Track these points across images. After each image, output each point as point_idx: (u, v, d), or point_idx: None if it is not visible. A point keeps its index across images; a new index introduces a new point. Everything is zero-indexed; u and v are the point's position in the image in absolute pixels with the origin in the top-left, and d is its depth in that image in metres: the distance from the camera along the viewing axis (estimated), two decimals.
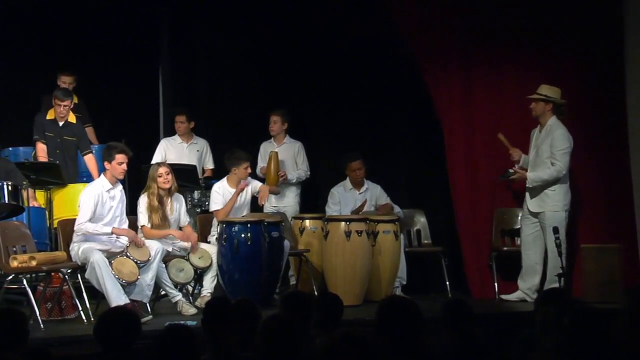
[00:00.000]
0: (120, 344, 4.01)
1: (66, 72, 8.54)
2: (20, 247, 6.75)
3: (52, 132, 8.08)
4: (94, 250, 6.72)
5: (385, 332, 3.93)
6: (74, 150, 8.13)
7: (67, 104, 8.00)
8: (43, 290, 6.90)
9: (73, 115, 8.23)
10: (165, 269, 7.06)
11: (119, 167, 6.91)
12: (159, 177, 7.18)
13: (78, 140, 8.14)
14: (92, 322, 6.52)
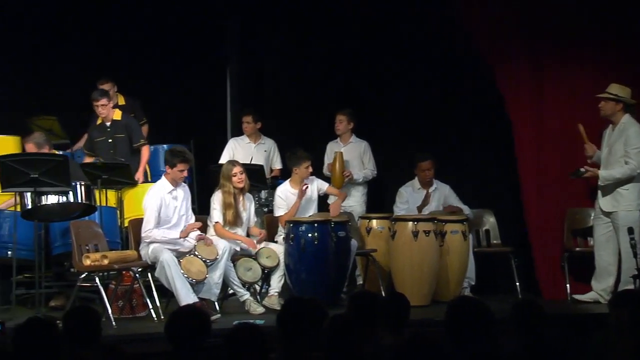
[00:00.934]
0: (190, 342, 4.03)
1: (101, 80, 8.64)
2: (92, 246, 6.89)
3: (102, 136, 8.20)
4: (164, 249, 6.81)
5: (455, 333, 3.89)
6: (126, 145, 8.19)
7: (103, 103, 8.09)
8: (115, 288, 7.02)
9: (118, 112, 8.31)
10: (233, 268, 7.11)
11: (180, 174, 6.99)
12: (234, 177, 7.25)
13: (128, 134, 8.19)
14: (162, 320, 6.62)
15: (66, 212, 7.02)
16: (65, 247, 7.20)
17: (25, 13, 9.16)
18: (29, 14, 9.17)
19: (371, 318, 4.33)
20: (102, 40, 9.33)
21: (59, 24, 9.25)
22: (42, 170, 6.57)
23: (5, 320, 5.73)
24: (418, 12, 8.63)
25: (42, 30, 9.22)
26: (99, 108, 8.10)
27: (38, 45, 9.19)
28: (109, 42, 9.32)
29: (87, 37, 9.32)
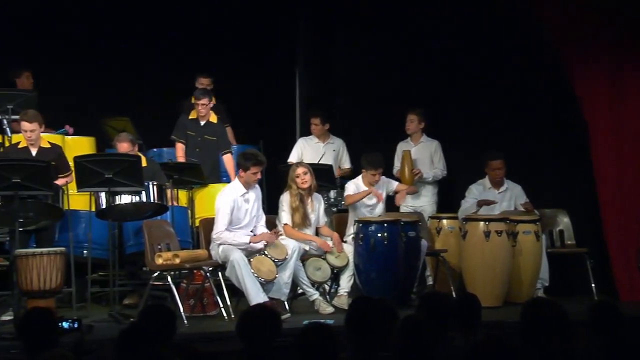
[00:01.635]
0: (261, 341, 4.04)
1: (204, 75, 8.79)
2: (164, 245, 6.97)
3: (193, 131, 8.30)
4: (234, 249, 6.86)
5: (529, 335, 3.82)
6: (214, 149, 8.32)
7: (204, 102, 8.20)
8: (186, 287, 7.10)
9: (215, 116, 8.44)
10: (302, 268, 7.12)
11: (253, 177, 7.02)
12: (297, 178, 7.26)
13: (218, 139, 8.32)
14: (232, 319, 6.66)
15: (139, 211, 7.12)
16: (138, 246, 7.31)
17: (100, 16, 9.35)
18: (103, 16, 9.36)
19: (442, 319, 4.28)
20: (173, 41, 9.46)
21: (132, 26, 9.42)
22: (116, 171, 6.67)
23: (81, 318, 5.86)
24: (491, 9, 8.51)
25: (115, 32, 9.39)
26: (199, 107, 8.22)
27: (112, 48, 9.37)
28: (179, 43, 9.44)
29: (159, 39, 9.46)
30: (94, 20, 9.32)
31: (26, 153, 6.95)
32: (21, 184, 6.34)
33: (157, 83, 9.07)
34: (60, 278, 6.29)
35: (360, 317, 4.20)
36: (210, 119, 8.36)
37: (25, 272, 6.14)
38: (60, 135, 8.29)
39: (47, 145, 7.08)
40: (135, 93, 9.27)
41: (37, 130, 6.96)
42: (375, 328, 4.18)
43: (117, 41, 9.39)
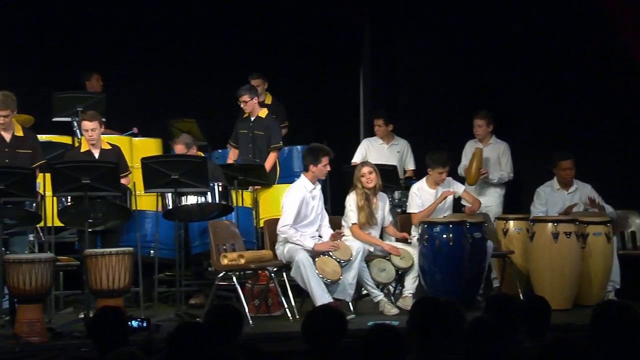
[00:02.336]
0: (326, 342, 4.03)
1: (253, 75, 8.80)
2: (229, 246, 7.02)
3: (245, 129, 8.31)
4: (299, 249, 6.87)
5: (601, 338, 3.73)
6: (264, 144, 8.25)
7: (245, 99, 8.14)
8: (251, 287, 7.13)
9: (265, 111, 8.41)
10: (367, 269, 7.09)
11: (324, 169, 7.05)
12: (362, 177, 7.24)
13: (268, 134, 8.24)
14: (297, 319, 6.68)
15: (204, 212, 7.19)
16: (203, 247, 7.38)
17: (168, 19, 9.48)
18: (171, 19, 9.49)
19: (511, 321, 4.21)
20: (238, 42, 9.53)
21: (198, 29, 9.53)
22: (182, 172, 6.75)
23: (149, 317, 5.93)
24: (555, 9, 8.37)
25: (182, 34, 9.51)
26: (240, 104, 8.27)
27: (179, 50, 9.49)
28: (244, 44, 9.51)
29: (225, 40, 9.55)
30: (162, 23, 9.46)
31: (88, 155, 7.07)
32: (90, 185, 6.45)
33: (222, 84, 9.14)
34: (129, 278, 6.38)
35: (425, 318, 4.16)
36: (260, 114, 8.34)
37: (95, 272, 6.25)
38: (128, 137, 8.43)
39: (107, 146, 7.19)
40: (201, 95, 9.37)
41: (97, 129, 7.06)
42: (440, 330, 4.14)
43: (184, 43, 9.50)
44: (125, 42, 9.40)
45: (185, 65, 9.50)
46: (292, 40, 9.64)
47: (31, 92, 7.94)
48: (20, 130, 6.94)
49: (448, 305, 4.39)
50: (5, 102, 6.72)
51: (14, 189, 6.30)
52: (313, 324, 4.04)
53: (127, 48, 9.40)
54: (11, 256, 6.26)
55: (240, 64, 9.40)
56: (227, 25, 9.55)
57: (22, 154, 6.84)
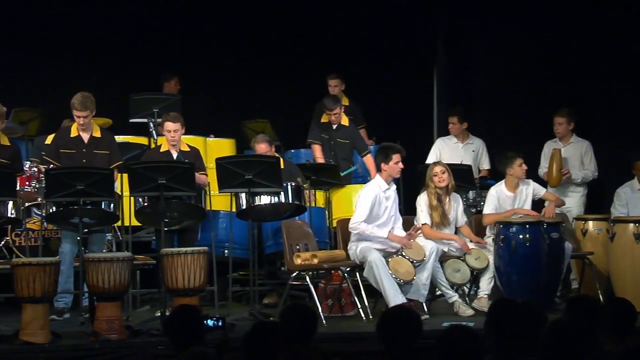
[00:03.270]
0: (402, 342, 4.00)
1: (332, 75, 8.81)
2: (303, 245, 7.04)
3: (326, 135, 8.34)
4: (372, 249, 6.84)
5: None
6: (347, 152, 8.29)
7: (337, 112, 8.19)
8: (324, 287, 7.13)
9: (346, 118, 8.43)
10: (441, 269, 7.03)
11: (396, 167, 7.00)
12: (435, 176, 7.18)
13: (352, 142, 8.30)
14: (370, 319, 6.67)
15: (278, 212, 7.22)
16: (277, 247, 7.41)
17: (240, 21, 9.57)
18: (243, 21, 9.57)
19: (592, 324, 4.10)
20: (310, 43, 9.55)
21: (271, 31, 9.59)
22: (255, 172, 6.79)
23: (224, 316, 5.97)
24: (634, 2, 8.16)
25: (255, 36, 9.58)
26: (332, 117, 8.22)
27: (250, 51, 9.56)
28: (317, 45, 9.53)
29: (295, 40, 9.58)
30: (234, 26, 9.54)
31: (167, 156, 7.16)
32: (166, 185, 6.54)
33: (295, 85, 9.19)
34: (204, 277, 6.44)
35: (503, 319, 4.08)
36: (342, 122, 8.36)
37: (171, 271, 6.33)
38: (202, 138, 8.53)
39: (186, 148, 7.28)
40: (274, 95, 9.43)
41: (179, 130, 7.15)
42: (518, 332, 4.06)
43: (258, 45, 9.57)
44: (200, 44, 9.52)
45: (259, 66, 9.56)
46: (365, 38, 9.61)
47: (109, 94, 8.09)
48: (98, 131, 7.07)
49: (526, 307, 4.31)
50: (85, 103, 6.85)
51: (92, 189, 6.41)
52: (388, 324, 4.01)
53: (202, 50, 9.53)
54: (90, 255, 6.38)
55: (313, 63, 9.42)
56: (301, 26, 9.58)
57: (99, 155, 6.97)
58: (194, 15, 9.51)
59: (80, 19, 9.30)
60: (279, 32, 9.59)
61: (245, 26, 9.57)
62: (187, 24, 9.53)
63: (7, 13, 9.13)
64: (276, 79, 9.50)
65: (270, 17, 9.56)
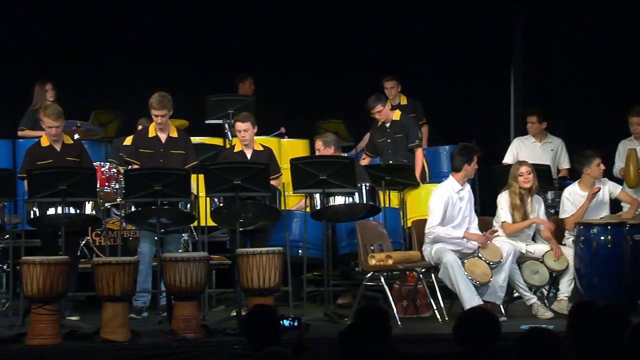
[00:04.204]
0: (479, 344, 3.94)
1: (387, 77, 8.75)
2: (377, 246, 7.01)
3: (382, 137, 8.28)
4: (447, 250, 6.77)
5: None
6: (405, 145, 8.19)
7: (378, 110, 8.12)
8: (399, 288, 7.09)
9: (398, 113, 8.32)
10: (518, 271, 6.91)
11: (475, 168, 6.96)
12: (520, 176, 7.06)
13: (405, 132, 8.17)
14: (446, 321, 6.62)
15: (352, 212, 7.20)
16: (351, 247, 7.40)
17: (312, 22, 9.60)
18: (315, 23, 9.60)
19: None
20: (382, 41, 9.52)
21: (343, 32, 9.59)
22: (330, 172, 6.79)
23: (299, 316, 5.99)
24: None
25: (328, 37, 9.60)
26: (374, 114, 8.23)
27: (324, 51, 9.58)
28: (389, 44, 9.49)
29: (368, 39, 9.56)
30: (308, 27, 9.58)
31: (242, 156, 7.22)
32: (241, 186, 6.59)
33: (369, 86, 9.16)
34: (279, 277, 6.47)
35: (584, 323, 3.99)
36: (394, 118, 8.26)
37: (246, 271, 6.37)
38: (276, 139, 8.58)
39: (260, 148, 7.32)
40: (348, 96, 9.43)
41: (250, 130, 7.19)
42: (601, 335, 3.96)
43: (331, 45, 9.58)
44: (275, 45, 9.59)
45: (332, 67, 9.57)
46: (440, 37, 9.54)
47: (185, 96, 8.21)
48: (175, 131, 7.17)
49: (609, 310, 4.20)
50: (162, 102, 6.95)
51: (170, 189, 6.51)
52: (466, 326, 3.96)
53: (276, 51, 9.59)
54: (168, 255, 6.47)
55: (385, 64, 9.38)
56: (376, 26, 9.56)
57: (175, 155, 7.07)
58: (269, 16, 9.58)
59: (157, 22, 9.47)
60: (352, 33, 9.58)
61: (319, 27, 9.59)
62: (262, 26, 9.60)
63: (87, 19, 9.35)
64: (350, 79, 9.49)
65: (344, 18, 9.56)
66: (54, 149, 6.91)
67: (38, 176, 6.49)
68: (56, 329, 6.01)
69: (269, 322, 4.16)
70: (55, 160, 6.84)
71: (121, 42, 9.39)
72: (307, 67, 9.59)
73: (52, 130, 6.83)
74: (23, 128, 8.31)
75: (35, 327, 5.96)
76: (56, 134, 6.86)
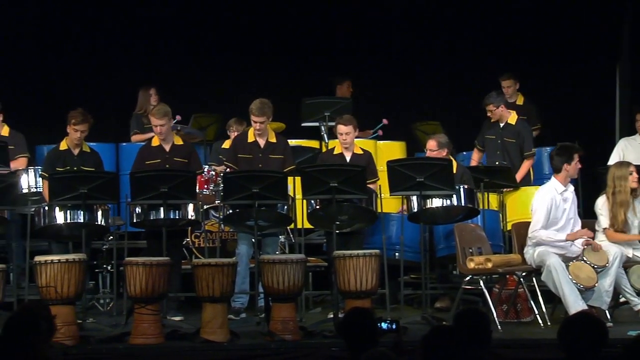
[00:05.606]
0: (585, 350, 3.81)
1: (504, 76, 8.63)
2: (476, 249, 6.90)
3: (493, 135, 8.16)
4: (550, 253, 6.61)
5: None
6: (515, 151, 8.07)
7: (490, 108, 8.03)
8: (498, 292, 6.96)
9: (514, 116, 8.18)
10: (625, 275, 6.69)
11: (577, 167, 6.77)
12: (624, 179, 6.80)
13: (519, 141, 8.06)
14: (548, 326, 6.47)
15: (450, 215, 7.12)
16: (448, 250, 7.31)
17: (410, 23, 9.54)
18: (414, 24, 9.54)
19: None
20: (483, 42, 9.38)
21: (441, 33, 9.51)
22: (427, 174, 6.72)
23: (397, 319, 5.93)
24: None
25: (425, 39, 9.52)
26: (488, 112, 8.11)
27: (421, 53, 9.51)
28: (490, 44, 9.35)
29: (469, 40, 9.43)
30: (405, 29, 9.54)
31: (341, 159, 7.21)
32: (338, 188, 6.59)
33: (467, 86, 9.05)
34: (376, 279, 6.44)
35: None
36: (509, 121, 8.13)
37: (343, 273, 6.36)
38: (373, 141, 8.55)
39: (359, 151, 7.30)
40: (445, 97, 9.33)
41: (351, 133, 7.19)
42: None
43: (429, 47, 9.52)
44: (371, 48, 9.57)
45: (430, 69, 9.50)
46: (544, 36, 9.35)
47: (282, 99, 8.28)
48: (274, 136, 7.22)
49: None
50: (262, 109, 7.02)
51: (267, 192, 6.56)
52: (571, 332, 3.84)
53: (373, 54, 9.57)
54: (266, 256, 6.53)
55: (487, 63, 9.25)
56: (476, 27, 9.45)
57: (273, 160, 7.12)
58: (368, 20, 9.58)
59: (254, 26, 9.58)
60: (452, 34, 9.48)
61: (416, 29, 9.53)
62: (358, 29, 9.59)
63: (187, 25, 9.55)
64: (448, 80, 9.39)
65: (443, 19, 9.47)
66: (163, 149, 7.06)
67: (141, 179, 6.65)
68: (158, 328, 6.14)
69: (366, 325, 4.14)
70: (162, 160, 7.00)
71: (221, 46, 9.55)
72: (403, 68, 9.53)
73: (158, 129, 7.00)
74: (136, 131, 8.56)
75: (138, 326, 6.09)
76: (162, 132, 7.01)
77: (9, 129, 7.77)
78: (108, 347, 6.06)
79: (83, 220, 6.62)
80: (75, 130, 7.00)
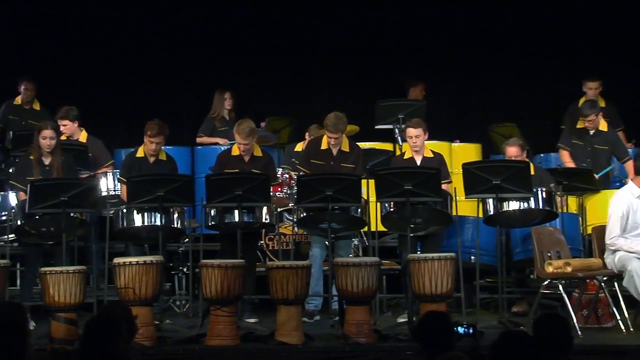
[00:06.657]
0: None
1: (591, 78, 8.46)
2: (554, 253, 6.77)
3: (581, 142, 8.00)
4: (632, 258, 6.44)
5: None
6: (606, 158, 7.93)
7: (591, 119, 7.86)
8: (578, 296, 6.81)
9: (605, 123, 8.02)
10: None
11: None
12: None
13: (611, 148, 7.91)
14: (631, 332, 6.34)
15: (527, 218, 6.99)
16: (526, 253, 7.17)
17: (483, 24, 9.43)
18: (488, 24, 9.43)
19: None
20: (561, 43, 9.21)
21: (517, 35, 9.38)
22: (503, 177, 6.62)
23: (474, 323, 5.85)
24: None
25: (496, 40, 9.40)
26: (586, 123, 7.94)
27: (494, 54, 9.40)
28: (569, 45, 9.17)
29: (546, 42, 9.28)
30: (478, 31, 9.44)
31: (411, 163, 7.16)
32: (412, 191, 6.54)
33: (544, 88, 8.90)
34: (451, 283, 6.37)
35: None
36: (600, 127, 7.96)
37: (418, 277, 6.31)
38: (447, 143, 8.47)
39: (430, 154, 7.24)
40: (522, 98, 9.20)
41: (421, 136, 7.13)
42: None
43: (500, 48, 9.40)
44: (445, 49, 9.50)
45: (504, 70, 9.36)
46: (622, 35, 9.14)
47: (356, 102, 8.28)
48: (347, 145, 7.22)
49: None
50: (337, 125, 7.03)
51: (341, 195, 6.56)
52: None
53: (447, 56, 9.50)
54: (340, 259, 6.52)
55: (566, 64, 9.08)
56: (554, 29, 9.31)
57: (345, 168, 7.11)
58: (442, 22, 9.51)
59: (327, 29, 9.60)
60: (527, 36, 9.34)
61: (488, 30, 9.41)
62: (431, 31, 9.53)
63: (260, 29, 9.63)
64: (524, 82, 9.25)
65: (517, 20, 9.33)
66: (242, 160, 7.14)
67: (217, 182, 6.72)
68: (233, 330, 6.18)
69: (442, 329, 4.09)
70: (241, 170, 7.06)
71: (292, 50, 9.60)
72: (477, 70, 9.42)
73: (242, 147, 7.08)
74: (201, 135, 8.68)
75: (214, 328, 6.15)
76: (244, 151, 7.10)
77: (87, 134, 7.93)
78: (184, 348, 6.14)
79: (160, 223, 6.72)
80: (150, 142, 7.12)
